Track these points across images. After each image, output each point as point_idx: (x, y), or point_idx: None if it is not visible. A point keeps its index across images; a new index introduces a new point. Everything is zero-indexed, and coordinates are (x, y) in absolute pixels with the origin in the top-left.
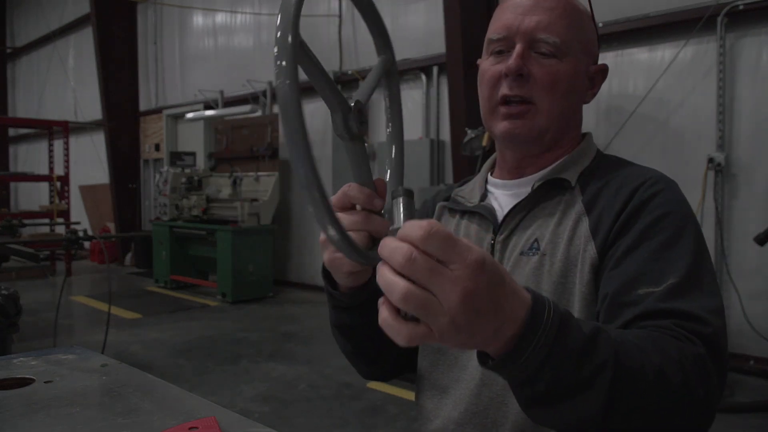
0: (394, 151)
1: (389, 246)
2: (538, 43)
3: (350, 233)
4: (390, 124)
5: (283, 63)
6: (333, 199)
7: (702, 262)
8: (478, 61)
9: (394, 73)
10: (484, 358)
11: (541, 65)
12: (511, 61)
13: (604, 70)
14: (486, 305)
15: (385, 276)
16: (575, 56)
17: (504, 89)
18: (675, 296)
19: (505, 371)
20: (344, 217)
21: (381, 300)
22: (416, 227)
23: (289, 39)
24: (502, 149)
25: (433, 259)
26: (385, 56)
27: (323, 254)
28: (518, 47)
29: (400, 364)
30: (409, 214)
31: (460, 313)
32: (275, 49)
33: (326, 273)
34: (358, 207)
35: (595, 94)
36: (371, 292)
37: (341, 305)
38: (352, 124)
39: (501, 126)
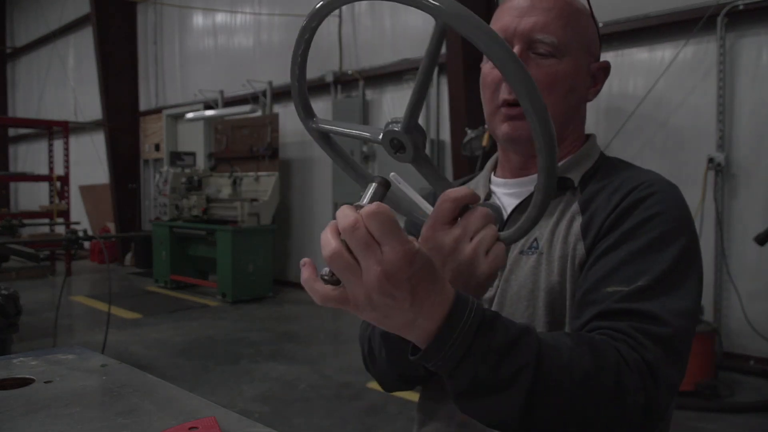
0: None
1: (343, 211)
2: (535, 43)
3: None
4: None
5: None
6: (443, 212)
7: (685, 266)
8: (482, 64)
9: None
10: (414, 351)
11: (539, 66)
12: None
13: (606, 68)
14: (402, 294)
15: (327, 233)
16: (574, 55)
17: (504, 93)
18: (640, 298)
19: (428, 364)
20: (473, 219)
21: (303, 261)
22: (370, 206)
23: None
24: (505, 151)
25: (372, 237)
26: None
27: (484, 262)
28: (516, 49)
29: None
30: (374, 198)
31: (376, 292)
32: None
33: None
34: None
35: (598, 92)
36: None
37: None
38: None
39: (503, 128)
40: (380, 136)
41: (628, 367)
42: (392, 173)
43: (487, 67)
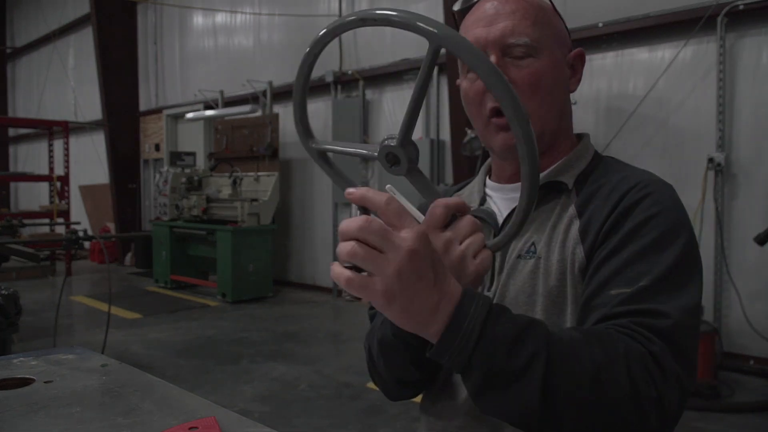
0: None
1: (347, 221)
2: (509, 48)
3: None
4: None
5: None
6: (436, 217)
7: (686, 265)
8: (457, 82)
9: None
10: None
11: (519, 68)
12: None
13: (581, 55)
14: (428, 273)
15: (339, 252)
16: (550, 50)
17: (491, 103)
18: (642, 297)
19: (443, 358)
20: (462, 225)
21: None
22: (380, 199)
23: None
24: (500, 162)
25: (387, 225)
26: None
27: (468, 266)
28: (492, 58)
29: (430, 381)
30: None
31: (405, 270)
32: None
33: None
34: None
35: (579, 80)
36: None
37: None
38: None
39: (498, 140)
40: (377, 153)
41: (635, 358)
42: (388, 185)
43: (465, 83)
